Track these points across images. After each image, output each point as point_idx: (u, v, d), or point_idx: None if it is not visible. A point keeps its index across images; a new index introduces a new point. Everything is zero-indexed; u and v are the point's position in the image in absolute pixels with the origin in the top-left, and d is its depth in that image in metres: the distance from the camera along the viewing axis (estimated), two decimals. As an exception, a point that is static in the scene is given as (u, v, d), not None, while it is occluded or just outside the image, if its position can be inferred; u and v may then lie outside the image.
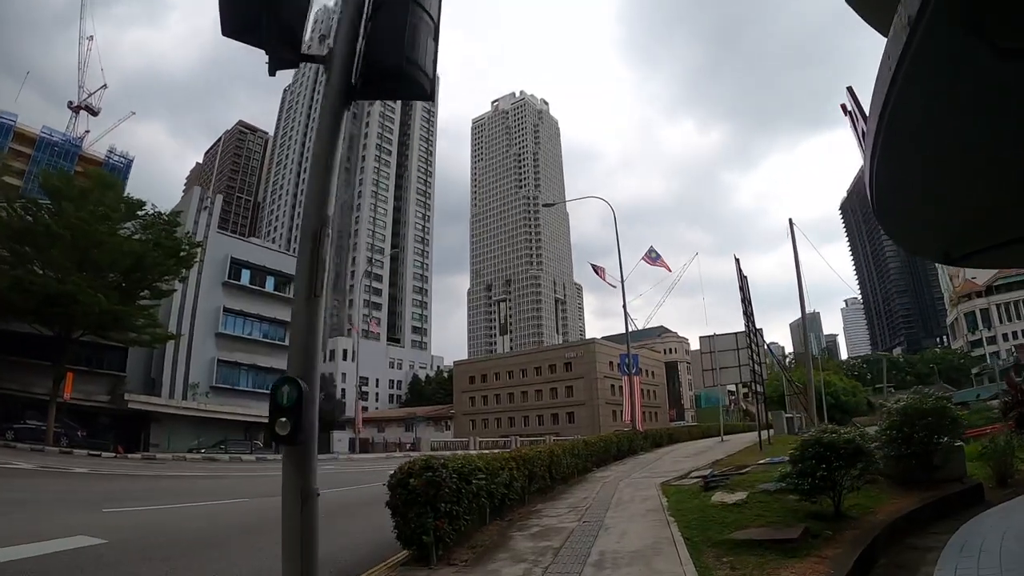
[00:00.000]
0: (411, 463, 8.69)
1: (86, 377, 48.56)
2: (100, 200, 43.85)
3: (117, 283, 45.12)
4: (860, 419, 62.84)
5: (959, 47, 4.36)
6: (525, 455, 13.45)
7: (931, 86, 4.94)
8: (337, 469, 33.02)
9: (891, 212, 8.65)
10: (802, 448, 10.61)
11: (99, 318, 42.35)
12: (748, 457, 22.99)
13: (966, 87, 4.91)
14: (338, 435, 60.11)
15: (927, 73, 4.71)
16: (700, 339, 37.86)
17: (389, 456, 51.30)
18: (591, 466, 21.60)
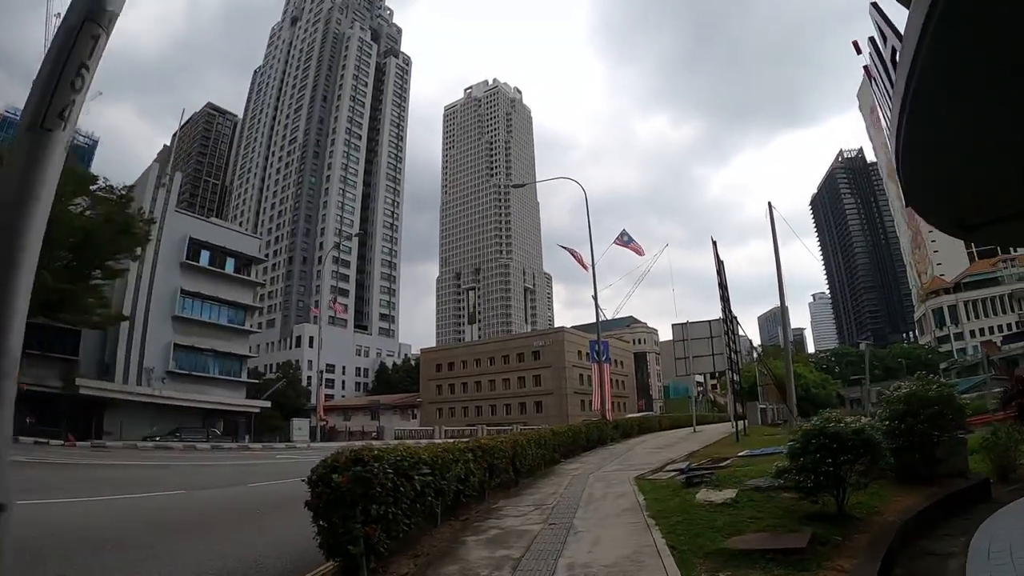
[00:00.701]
0: (337, 454, 7.09)
1: (36, 361, 46.20)
2: (47, 173, 41.65)
3: (66, 261, 43.06)
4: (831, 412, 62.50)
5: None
6: (485, 445, 11.89)
7: (961, 36, 4.61)
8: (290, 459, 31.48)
9: (913, 172, 8.00)
10: (804, 440, 9.17)
11: (45, 298, 40.25)
12: (725, 449, 21.73)
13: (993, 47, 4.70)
14: (298, 423, 58.11)
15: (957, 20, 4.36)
16: (673, 327, 36.49)
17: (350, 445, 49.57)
18: (559, 457, 20.13)
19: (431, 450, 8.92)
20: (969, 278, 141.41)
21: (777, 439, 25.10)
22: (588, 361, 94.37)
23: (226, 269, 65.76)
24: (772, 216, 28.85)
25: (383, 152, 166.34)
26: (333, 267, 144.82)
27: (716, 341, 34.79)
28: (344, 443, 53.99)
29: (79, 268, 44.13)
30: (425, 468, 8.18)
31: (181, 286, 61.62)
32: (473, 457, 10.72)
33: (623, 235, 37.55)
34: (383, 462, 7.08)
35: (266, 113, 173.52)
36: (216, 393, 61.03)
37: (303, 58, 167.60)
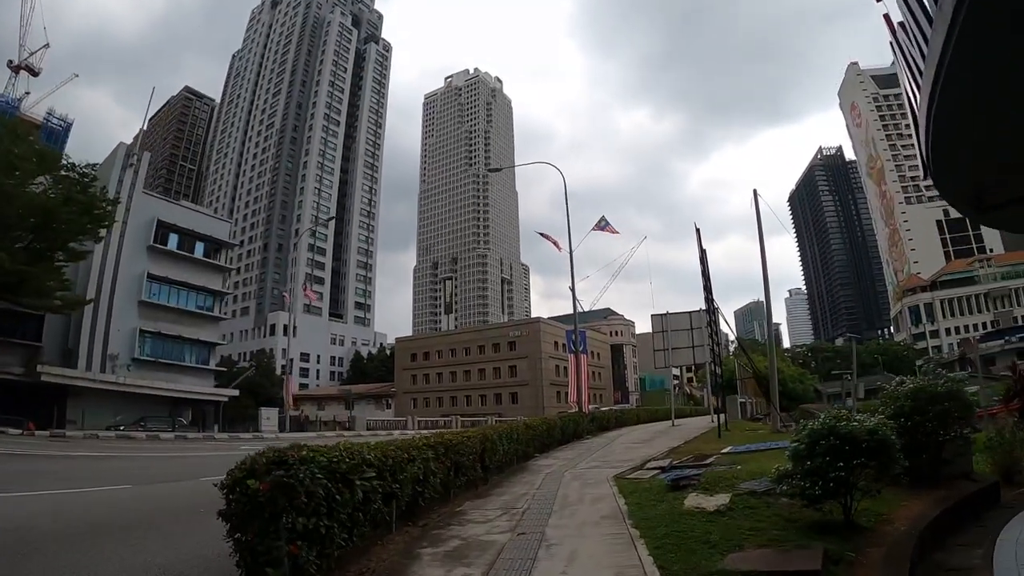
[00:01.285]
0: (257, 455, 5.82)
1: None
2: (8, 150, 39.96)
3: (26, 242, 41.43)
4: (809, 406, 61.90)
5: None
6: (448, 441, 10.69)
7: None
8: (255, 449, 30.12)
9: (941, 142, 7.38)
10: (810, 441, 8.06)
11: (2, 280, 38.70)
12: (707, 445, 20.70)
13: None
14: (267, 412, 56.45)
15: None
16: (652, 317, 35.46)
17: (320, 435, 48.35)
18: (533, 452, 18.97)
19: (380, 449, 7.65)
20: (946, 276, 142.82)
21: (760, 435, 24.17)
22: (565, 352, 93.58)
23: (195, 253, 63.82)
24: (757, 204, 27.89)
25: (361, 139, 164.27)
26: (308, 254, 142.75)
27: (696, 333, 33.88)
28: (313, 433, 52.88)
29: (40, 249, 42.51)
30: (370, 471, 6.93)
31: (148, 270, 59.63)
32: (434, 455, 9.54)
33: (601, 221, 36.65)
34: (312, 465, 5.83)
35: (243, 98, 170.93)
36: (184, 381, 59.30)
37: (282, 42, 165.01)
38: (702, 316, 34.05)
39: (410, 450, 8.66)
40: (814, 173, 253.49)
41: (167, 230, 61.55)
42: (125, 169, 59.61)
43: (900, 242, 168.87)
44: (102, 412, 49.31)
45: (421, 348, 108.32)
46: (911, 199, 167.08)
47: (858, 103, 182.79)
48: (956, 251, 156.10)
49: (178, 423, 51.10)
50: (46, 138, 66.74)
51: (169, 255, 61.57)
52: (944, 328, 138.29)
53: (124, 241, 57.83)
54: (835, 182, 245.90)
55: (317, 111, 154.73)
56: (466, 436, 11.93)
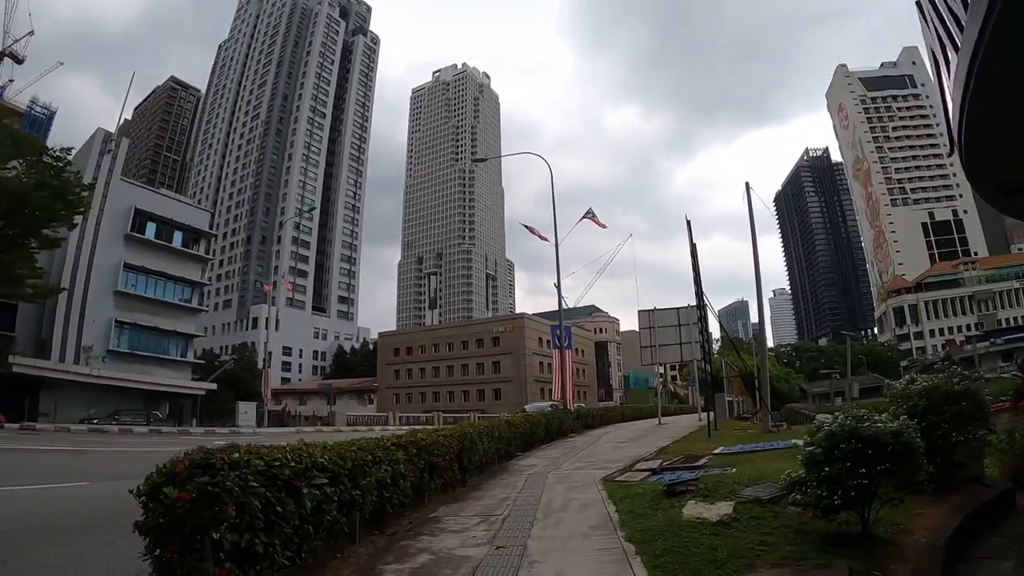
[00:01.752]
0: (179, 459, 4.77)
1: (-33, 336, 43.40)
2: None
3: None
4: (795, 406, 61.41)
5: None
6: (421, 441, 9.73)
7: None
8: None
9: (981, 110, 6.38)
10: (828, 444, 7.17)
11: (-30, 266, 37.52)
12: (697, 445, 19.85)
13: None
14: (244, 406, 55.01)
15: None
16: (639, 313, 34.57)
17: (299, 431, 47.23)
18: (515, 452, 18.03)
19: (337, 450, 6.68)
20: (931, 278, 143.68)
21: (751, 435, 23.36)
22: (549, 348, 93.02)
23: (173, 243, 62.47)
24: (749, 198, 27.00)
25: (347, 132, 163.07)
26: (292, 247, 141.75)
27: (684, 330, 33.07)
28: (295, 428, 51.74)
29: (12, 236, 41.20)
30: (322, 476, 5.91)
31: (125, 259, 58.17)
32: (404, 457, 8.56)
33: (589, 212, 35.89)
34: (245, 470, 4.84)
35: (229, 88, 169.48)
36: (160, 374, 57.90)
37: (269, 32, 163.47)
38: (690, 312, 33.22)
39: (375, 451, 7.71)
40: (800, 174, 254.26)
41: (145, 218, 60.09)
42: (103, 155, 58.14)
43: (885, 243, 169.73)
44: (76, 405, 47.90)
45: (404, 343, 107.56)
46: (897, 201, 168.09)
47: (845, 105, 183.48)
48: (941, 253, 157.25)
49: (153, 417, 49.71)
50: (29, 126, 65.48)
51: (147, 244, 60.16)
52: (928, 330, 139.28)
53: (100, 229, 56.34)
54: (821, 183, 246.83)
55: (303, 103, 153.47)
56: (442, 435, 11.00)
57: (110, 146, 58.96)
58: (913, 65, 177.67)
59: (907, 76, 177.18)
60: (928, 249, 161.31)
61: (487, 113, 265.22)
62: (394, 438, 8.83)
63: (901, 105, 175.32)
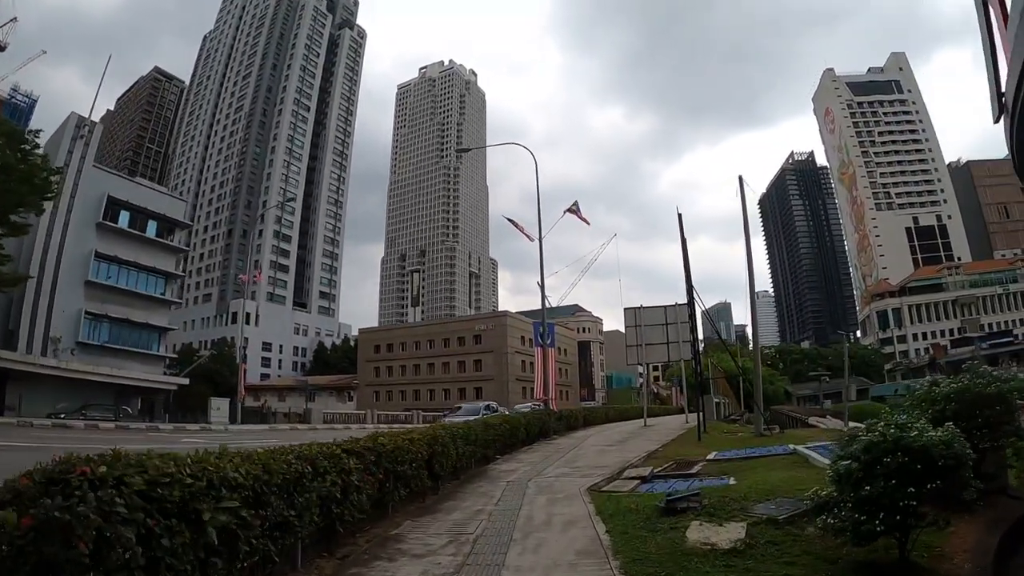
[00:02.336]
0: (31, 471, 3.52)
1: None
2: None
3: (-41, 212, 38.64)
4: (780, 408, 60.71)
5: None
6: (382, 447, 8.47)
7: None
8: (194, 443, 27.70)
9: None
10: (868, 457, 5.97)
11: (-68, 251, 35.92)
12: (687, 449, 18.72)
13: None
14: (217, 402, 52.96)
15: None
16: (625, 311, 33.43)
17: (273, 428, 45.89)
18: (493, 455, 16.82)
19: (264, 461, 5.38)
20: (914, 282, 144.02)
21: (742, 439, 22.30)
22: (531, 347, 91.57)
23: (148, 233, 60.94)
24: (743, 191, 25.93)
25: (331, 126, 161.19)
26: (274, 242, 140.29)
27: (671, 328, 32.02)
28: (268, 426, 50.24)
29: (-24, 221, 39.69)
30: (232, 497, 4.59)
31: (96, 248, 56.62)
32: (359, 465, 7.31)
33: (574, 205, 34.47)
34: (114, 489, 3.57)
35: (213, 80, 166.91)
36: (131, 368, 56.30)
37: (255, 24, 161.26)
38: (678, 311, 32.18)
39: (318, 460, 6.42)
40: (785, 177, 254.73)
41: (118, 207, 58.49)
42: (75, 140, 56.48)
43: (869, 247, 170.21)
44: (43, 398, 46.21)
45: (385, 340, 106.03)
46: (882, 205, 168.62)
47: (832, 109, 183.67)
48: (924, 258, 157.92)
49: (123, 412, 48.08)
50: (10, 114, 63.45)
51: (119, 233, 58.58)
52: (911, 333, 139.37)
53: (71, 217, 54.78)
54: (806, 187, 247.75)
55: (287, 96, 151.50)
56: (408, 439, 9.77)
57: (83, 131, 57.22)
58: (900, 71, 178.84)
59: (894, 82, 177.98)
60: (912, 254, 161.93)
61: (473, 110, 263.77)
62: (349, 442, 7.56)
63: (888, 110, 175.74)
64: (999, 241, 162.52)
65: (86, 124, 58.39)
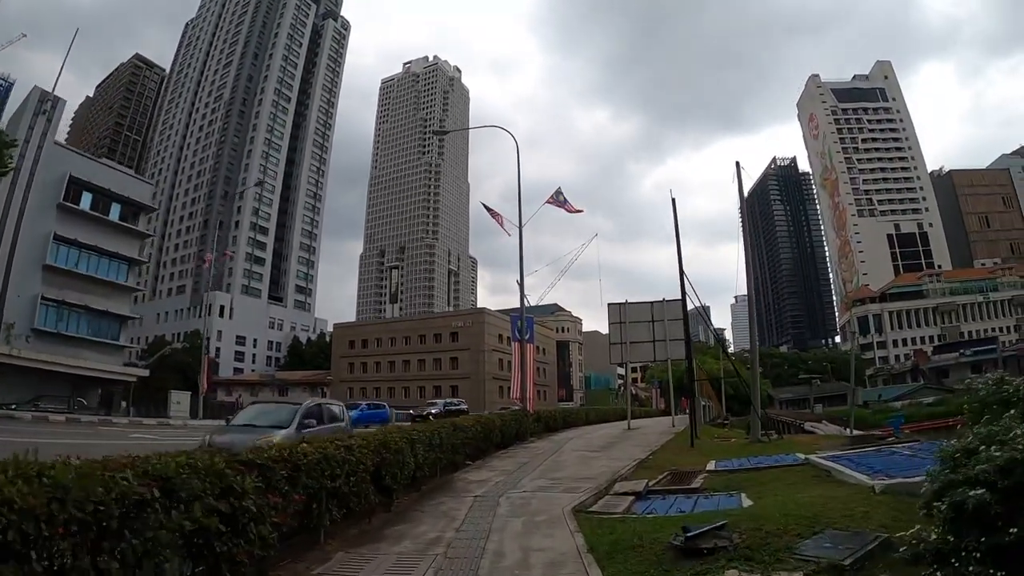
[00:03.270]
0: None
1: None
2: None
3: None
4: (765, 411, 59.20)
5: None
6: (300, 458, 6.35)
7: None
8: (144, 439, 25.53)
9: None
10: (1010, 483, 4.03)
11: None
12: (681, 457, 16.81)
13: None
14: (177, 396, 50.30)
15: None
16: (609, 306, 31.10)
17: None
18: (462, 460, 14.74)
19: (62, 478, 3.31)
20: (895, 289, 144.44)
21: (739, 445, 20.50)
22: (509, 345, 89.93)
23: (110, 216, 58.10)
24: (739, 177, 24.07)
25: (312, 117, 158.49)
26: (250, 233, 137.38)
27: (658, 326, 30.09)
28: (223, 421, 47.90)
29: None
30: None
31: (55, 230, 53.85)
32: (261, 484, 5.27)
33: (558, 194, 31.85)
34: None
35: (194, 68, 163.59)
36: (89, 357, 53.61)
37: (238, 12, 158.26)
38: (666, 308, 30.30)
39: (182, 479, 4.32)
40: (767, 182, 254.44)
41: (80, 187, 55.41)
42: (37, 116, 53.62)
43: (851, 253, 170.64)
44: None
45: (360, 335, 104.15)
46: (864, 212, 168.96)
47: (816, 115, 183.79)
48: (905, 265, 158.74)
49: (77, 404, 45.57)
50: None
51: (81, 215, 55.70)
52: (892, 339, 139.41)
53: (29, 196, 51.96)
54: (788, 192, 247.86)
55: (268, 85, 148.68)
56: (346, 446, 7.68)
57: (45, 106, 54.42)
58: (885, 79, 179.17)
59: (879, 90, 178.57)
60: (893, 260, 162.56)
61: (456, 107, 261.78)
62: (249, 454, 5.52)
63: (872, 118, 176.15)
64: (979, 250, 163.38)
65: (49, 99, 55.61)
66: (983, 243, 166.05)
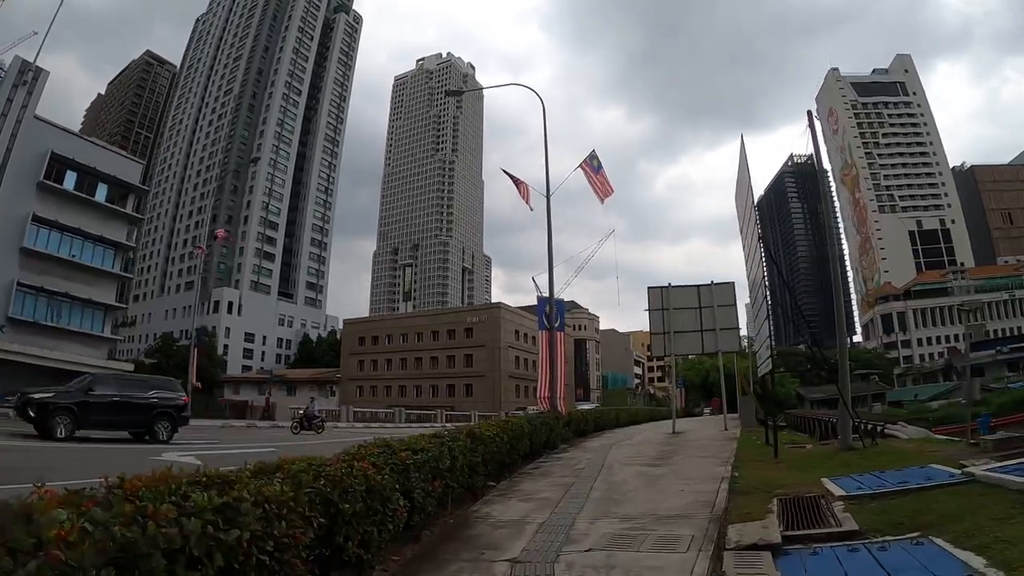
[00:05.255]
0: None
1: None
2: None
3: None
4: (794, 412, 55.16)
5: None
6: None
7: None
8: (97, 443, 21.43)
9: None
10: None
11: None
12: (773, 472, 12.42)
13: None
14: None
15: None
16: (649, 290, 26.39)
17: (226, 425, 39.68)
18: (482, 483, 10.14)
19: None
20: (919, 286, 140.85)
21: (819, 453, 16.26)
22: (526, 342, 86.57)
23: (96, 196, 54.12)
24: (812, 126, 19.79)
25: (323, 112, 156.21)
26: (259, 229, 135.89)
27: (706, 313, 25.84)
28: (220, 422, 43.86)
29: None
30: None
31: (34, 211, 49.96)
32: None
33: (592, 158, 26.99)
34: None
35: (204, 62, 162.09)
36: (69, 348, 49.67)
37: (248, 5, 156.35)
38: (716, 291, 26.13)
39: None
40: (784, 180, 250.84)
41: (64, 165, 51.40)
42: (16, 88, 49.61)
43: (871, 250, 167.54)
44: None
45: (370, 331, 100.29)
46: (884, 208, 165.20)
47: (836, 109, 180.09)
48: (927, 263, 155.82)
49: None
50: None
51: (63, 196, 51.83)
52: (916, 338, 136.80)
53: (6, 173, 47.98)
54: (805, 189, 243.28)
55: (278, 79, 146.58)
56: (259, 496, 3.36)
57: (26, 77, 50.34)
58: (905, 73, 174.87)
59: (899, 83, 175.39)
60: (915, 258, 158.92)
61: (470, 104, 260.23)
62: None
63: (892, 112, 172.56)
64: (1002, 247, 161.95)
65: (30, 69, 51.56)
66: (1006, 240, 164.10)
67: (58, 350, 48.40)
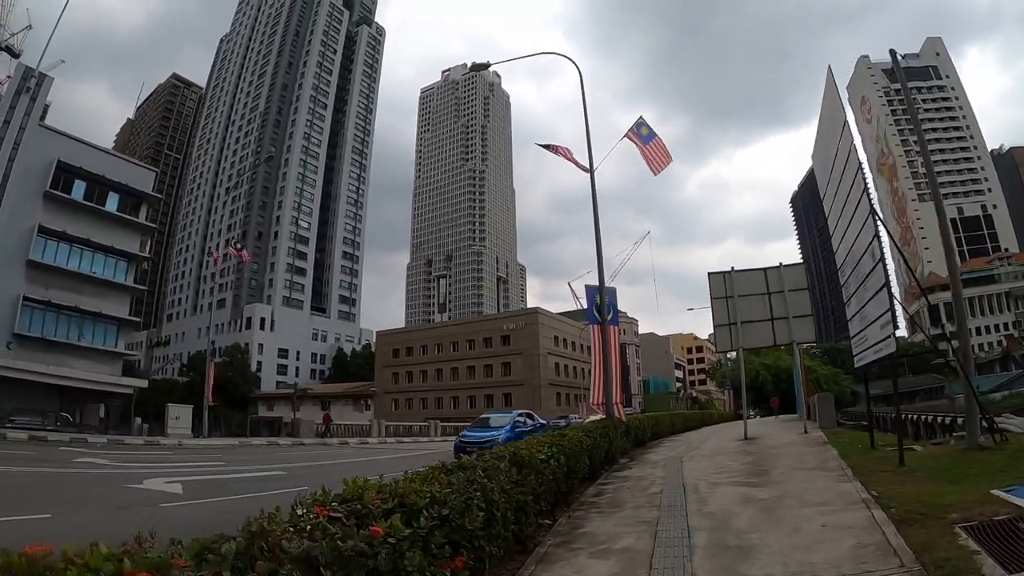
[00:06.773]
0: None
1: None
2: None
3: None
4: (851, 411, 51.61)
5: None
6: None
7: None
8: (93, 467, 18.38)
9: None
10: None
11: None
12: (913, 486, 8.95)
13: None
14: (176, 410, 41.67)
15: None
16: (710, 276, 22.51)
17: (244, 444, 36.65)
18: (534, 524, 6.58)
19: None
20: (965, 275, 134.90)
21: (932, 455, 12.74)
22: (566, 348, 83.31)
23: (107, 206, 51.43)
24: (897, 64, 16.35)
25: (350, 124, 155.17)
26: (290, 243, 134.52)
27: (775, 300, 22.25)
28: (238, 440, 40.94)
29: None
30: None
31: (41, 222, 47.39)
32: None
33: (639, 126, 22.98)
34: None
35: (229, 81, 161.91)
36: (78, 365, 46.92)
37: (270, 23, 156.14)
38: (785, 274, 22.65)
39: None
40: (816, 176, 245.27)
41: (71, 175, 48.74)
42: (20, 95, 47.18)
43: (912, 240, 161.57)
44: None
45: (404, 343, 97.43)
46: (924, 196, 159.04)
47: (868, 98, 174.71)
48: (971, 250, 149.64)
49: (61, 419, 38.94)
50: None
51: (71, 206, 49.25)
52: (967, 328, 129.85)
53: (10, 184, 45.49)
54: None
55: (303, 93, 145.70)
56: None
57: (29, 83, 47.93)
58: (937, 56, 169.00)
59: (931, 67, 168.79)
60: (957, 246, 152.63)
61: (497, 113, 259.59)
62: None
63: (926, 96, 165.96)
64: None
65: (33, 75, 49.21)
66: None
67: (67, 366, 45.77)
